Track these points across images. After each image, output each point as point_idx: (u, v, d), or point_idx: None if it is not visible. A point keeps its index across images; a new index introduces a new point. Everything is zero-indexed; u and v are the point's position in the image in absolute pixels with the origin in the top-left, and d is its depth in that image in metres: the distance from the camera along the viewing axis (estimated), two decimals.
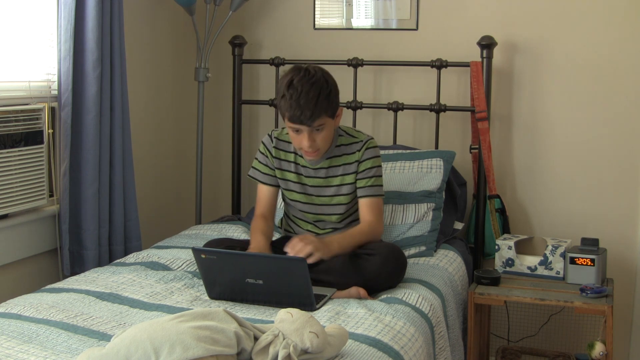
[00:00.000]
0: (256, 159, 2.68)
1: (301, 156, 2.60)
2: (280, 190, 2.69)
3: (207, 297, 2.25)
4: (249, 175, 2.71)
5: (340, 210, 2.60)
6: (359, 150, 2.56)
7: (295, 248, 2.29)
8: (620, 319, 3.14)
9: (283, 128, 2.63)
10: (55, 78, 2.82)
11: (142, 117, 3.38)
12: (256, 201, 2.69)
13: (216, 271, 2.20)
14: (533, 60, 3.22)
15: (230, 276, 2.20)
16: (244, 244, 2.51)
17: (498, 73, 3.24)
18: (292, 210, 2.70)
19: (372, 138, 2.61)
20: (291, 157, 2.62)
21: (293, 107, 2.37)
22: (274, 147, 2.64)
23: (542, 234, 3.24)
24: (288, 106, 2.39)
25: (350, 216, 2.65)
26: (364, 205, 2.56)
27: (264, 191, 2.66)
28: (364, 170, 2.56)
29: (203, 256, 2.20)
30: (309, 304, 2.14)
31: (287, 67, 3.42)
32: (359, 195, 2.57)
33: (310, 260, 2.24)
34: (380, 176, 2.59)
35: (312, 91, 2.37)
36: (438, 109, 3.25)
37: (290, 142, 2.58)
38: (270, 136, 2.66)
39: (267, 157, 2.65)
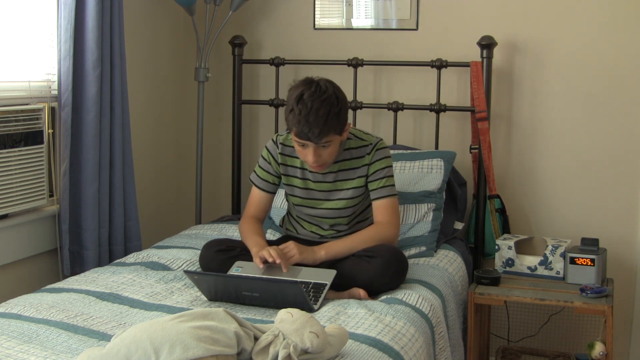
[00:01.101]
0: (258, 163, 2.67)
1: None
2: (284, 192, 2.69)
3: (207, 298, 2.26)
4: (249, 179, 2.71)
5: (347, 213, 2.59)
6: (368, 154, 2.54)
7: (284, 253, 2.38)
8: (620, 319, 3.14)
9: (288, 132, 2.61)
10: (55, 78, 2.82)
11: (142, 117, 3.38)
12: (248, 202, 2.68)
13: (211, 287, 2.22)
14: (533, 60, 3.22)
15: (226, 290, 2.21)
16: (244, 245, 2.51)
17: (498, 73, 3.24)
18: (296, 212, 2.69)
19: (381, 139, 2.59)
20: (297, 162, 2.60)
21: (302, 123, 2.34)
22: (280, 153, 2.61)
23: (542, 234, 3.24)
24: (296, 122, 2.35)
25: (357, 217, 2.64)
26: (378, 207, 2.54)
27: (257, 195, 2.66)
28: (375, 172, 2.54)
29: (196, 277, 2.21)
30: (308, 309, 2.13)
31: (287, 67, 3.47)
32: (372, 197, 2.55)
33: (290, 262, 2.37)
34: (392, 176, 2.57)
35: (322, 109, 2.33)
36: (438, 109, 3.25)
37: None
38: (275, 142, 2.63)
39: (269, 163, 2.63)
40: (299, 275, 2.31)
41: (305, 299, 2.12)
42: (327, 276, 2.30)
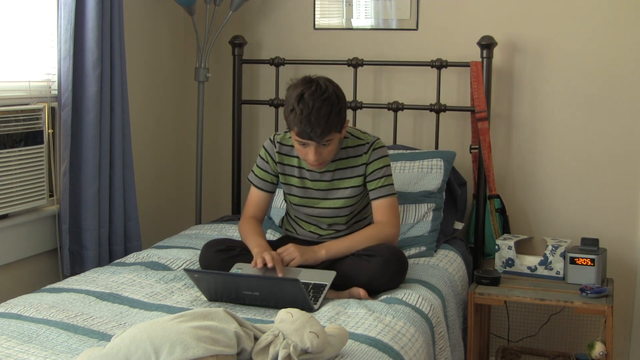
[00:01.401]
0: (256, 162, 2.68)
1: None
2: (283, 192, 2.69)
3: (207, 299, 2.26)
4: (248, 179, 2.71)
5: (345, 213, 2.59)
6: (365, 153, 2.54)
7: (284, 257, 2.36)
8: (620, 319, 3.14)
9: (285, 132, 2.61)
10: (55, 78, 2.82)
11: (142, 117, 3.38)
12: (247, 202, 2.68)
13: (211, 286, 2.22)
14: (533, 60, 3.22)
15: (226, 289, 2.21)
16: (244, 245, 2.51)
17: (498, 73, 3.24)
18: (294, 212, 2.69)
19: (379, 139, 2.59)
20: (295, 161, 2.60)
21: (303, 123, 2.33)
22: (277, 152, 2.61)
23: (542, 234, 3.24)
24: (298, 121, 2.35)
25: (355, 217, 2.64)
26: (378, 207, 2.54)
27: (256, 195, 2.66)
28: (372, 172, 2.54)
29: (196, 276, 2.21)
30: (308, 309, 2.14)
31: (287, 67, 3.47)
32: (372, 197, 2.55)
33: (292, 265, 2.36)
34: (390, 175, 2.56)
35: (323, 108, 2.33)
36: (438, 109, 3.25)
37: (293, 147, 2.56)
38: (272, 141, 2.63)
39: (267, 162, 2.63)
40: (298, 277, 2.31)
41: (304, 296, 2.12)
42: (327, 277, 2.30)
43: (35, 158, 2.75)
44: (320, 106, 2.33)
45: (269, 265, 2.29)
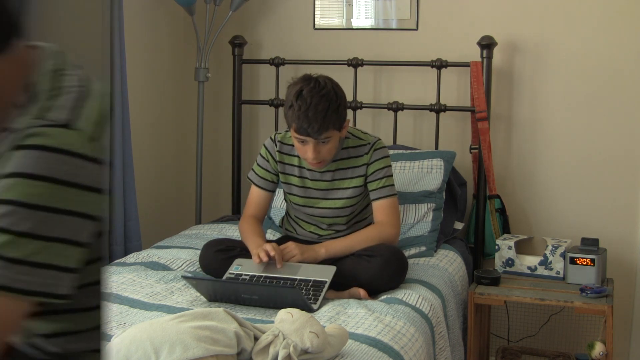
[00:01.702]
0: (256, 161, 2.68)
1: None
2: (283, 192, 2.69)
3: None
4: (248, 177, 2.71)
5: (345, 213, 2.59)
6: (366, 153, 2.54)
7: (284, 255, 2.38)
8: (620, 319, 3.14)
9: (286, 131, 2.61)
10: None
11: (142, 117, 3.38)
12: (247, 201, 2.68)
13: (210, 290, 2.23)
14: (533, 60, 3.22)
15: (225, 294, 2.22)
16: (244, 245, 2.51)
17: (498, 73, 3.24)
18: (294, 212, 2.69)
19: (380, 139, 2.59)
20: (295, 160, 2.60)
21: (301, 119, 2.34)
22: (278, 151, 2.61)
23: (542, 234, 3.24)
24: (296, 117, 2.36)
25: (355, 217, 2.64)
26: (378, 208, 2.54)
27: (257, 194, 2.66)
28: (373, 172, 2.54)
29: (194, 282, 2.22)
30: (307, 310, 2.13)
31: (287, 67, 3.47)
32: (372, 198, 2.55)
33: (292, 261, 2.38)
34: (391, 176, 2.57)
35: (321, 104, 2.34)
36: (438, 109, 3.25)
37: (294, 146, 2.56)
38: (273, 140, 2.63)
39: (267, 161, 2.63)
40: (298, 273, 2.31)
41: (304, 302, 2.12)
42: (326, 273, 2.30)
43: None
44: (318, 102, 2.34)
45: (271, 253, 2.30)
